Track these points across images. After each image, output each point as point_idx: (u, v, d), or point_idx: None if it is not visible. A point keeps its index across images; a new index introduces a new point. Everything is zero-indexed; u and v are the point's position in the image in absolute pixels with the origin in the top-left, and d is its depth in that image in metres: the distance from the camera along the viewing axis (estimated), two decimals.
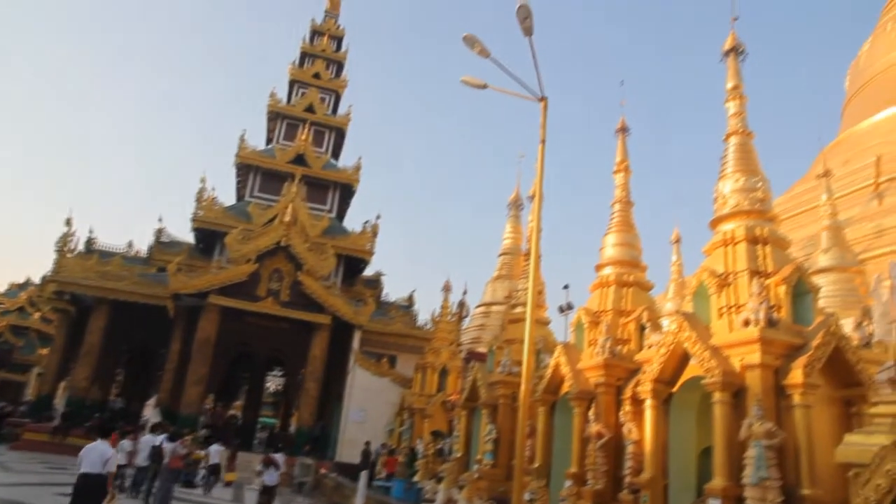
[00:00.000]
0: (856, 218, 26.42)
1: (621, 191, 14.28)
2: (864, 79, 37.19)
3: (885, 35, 36.58)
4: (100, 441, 9.27)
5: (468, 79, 12.74)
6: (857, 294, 21.10)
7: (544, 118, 11.43)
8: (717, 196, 11.04)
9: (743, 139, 11.20)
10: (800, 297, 10.24)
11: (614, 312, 13.32)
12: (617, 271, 13.81)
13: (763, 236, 10.50)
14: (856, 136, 34.15)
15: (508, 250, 31.94)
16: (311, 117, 37.63)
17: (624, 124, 14.53)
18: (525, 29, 11.56)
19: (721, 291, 10.38)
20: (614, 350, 12.50)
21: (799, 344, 9.55)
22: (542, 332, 17.19)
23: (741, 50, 11.70)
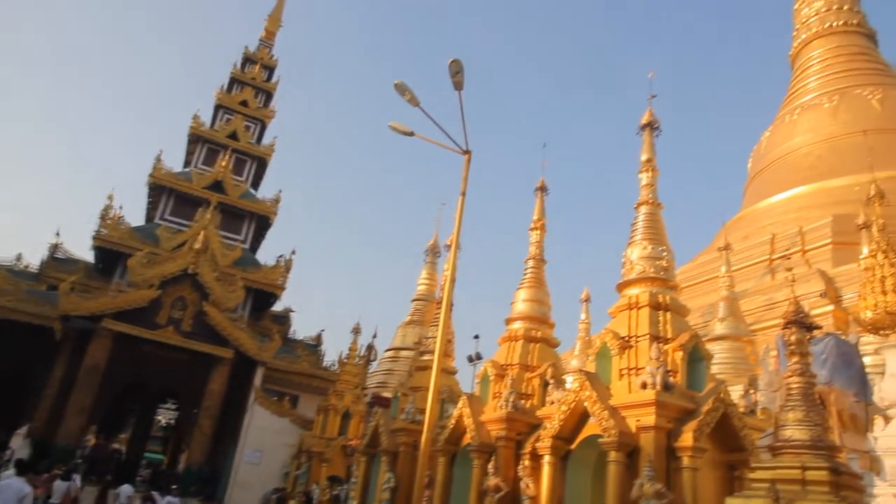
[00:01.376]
0: (751, 291, 28.16)
1: (536, 248, 14.70)
2: (764, 162, 40.23)
3: (784, 125, 39.86)
4: (15, 478, 8.59)
5: (396, 125, 12.91)
6: (748, 363, 22.39)
7: (466, 171, 11.70)
8: (626, 261, 11.54)
9: (652, 209, 11.83)
10: (695, 363, 10.75)
11: (520, 367, 13.52)
12: (526, 326, 14.09)
13: (665, 303, 11.01)
14: (755, 214, 36.69)
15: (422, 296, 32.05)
16: (233, 144, 36.88)
17: (543, 184, 15.06)
18: (455, 83, 11.88)
19: (623, 353, 10.76)
20: (517, 404, 12.63)
21: (691, 408, 9.97)
22: (449, 382, 17.19)
23: (656, 125, 12.44)
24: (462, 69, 11.78)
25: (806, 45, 43.19)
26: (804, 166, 36.18)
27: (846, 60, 40.57)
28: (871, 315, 12.85)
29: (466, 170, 12.34)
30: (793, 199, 34.86)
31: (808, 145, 37.32)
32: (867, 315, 12.96)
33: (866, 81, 38.54)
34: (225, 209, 33.68)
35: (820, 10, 43.20)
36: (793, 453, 8.41)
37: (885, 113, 36.10)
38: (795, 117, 39.42)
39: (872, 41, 42.77)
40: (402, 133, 12.90)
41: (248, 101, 38.97)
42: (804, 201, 33.84)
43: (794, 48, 44.53)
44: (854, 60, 40.49)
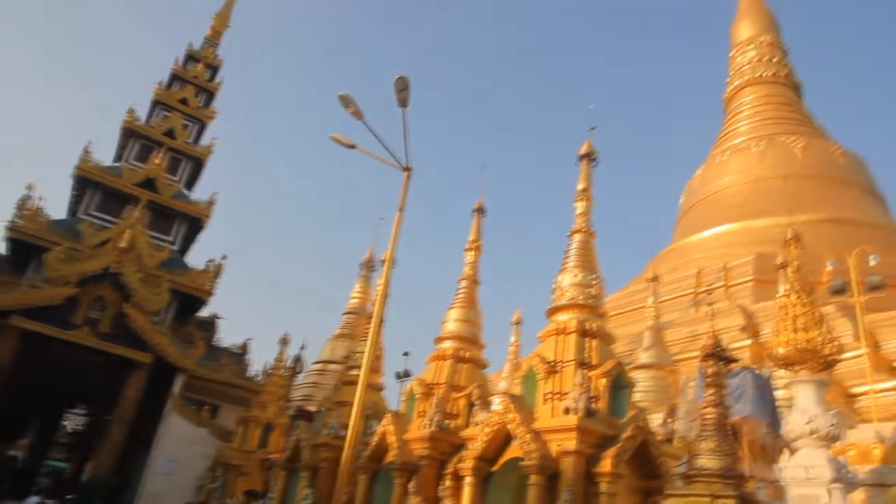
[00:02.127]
0: (676, 322, 29.10)
1: (470, 269, 14.78)
2: (695, 198, 41.90)
3: (716, 166, 41.69)
4: None
5: (338, 137, 12.80)
6: (669, 392, 23.06)
7: (405, 187, 11.72)
8: (557, 287, 11.73)
9: (586, 237, 12.09)
10: (618, 390, 10.97)
11: (448, 386, 13.50)
12: (455, 346, 14.10)
13: (592, 330, 11.23)
14: (684, 247, 38.07)
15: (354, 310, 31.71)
16: (169, 142, 35.74)
17: (481, 205, 15.20)
18: (400, 100, 11.89)
19: (549, 378, 10.88)
20: (442, 424, 12.58)
21: (612, 435, 10.15)
22: (375, 398, 16.98)
23: (594, 157, 12.76)
24: (408, 86, 11.81)
25: (739, 90, 45.45)
26: (732, 205, 37.85)
27: (774, 109, 42.87)
28: (783, 351, 13.42)
29: (405, 186, 12.35)
30: (720, 236, 36.37)
31: (736, 185, 39.10)
32: (780, 351, 13.53)
33: (791, 130, 40.79)
34: (155, 208, 32.53)
35: (752, 60, 45.58)
36: (704, 481, 8.69)
37: (806, 161, 38.25)
38: (726, 158, 41.28)
39: (798, 93, 45.38)
40: (344, 145, 12.81)
41: (188, 100, 37.92)
42: (730, 238, 35.34)
43: (728, 92, 46.78)
44: (781, 109, 42.83)
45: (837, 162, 38.98)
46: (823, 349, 13.29)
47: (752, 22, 47.51)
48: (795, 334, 13.18)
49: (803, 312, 13.22)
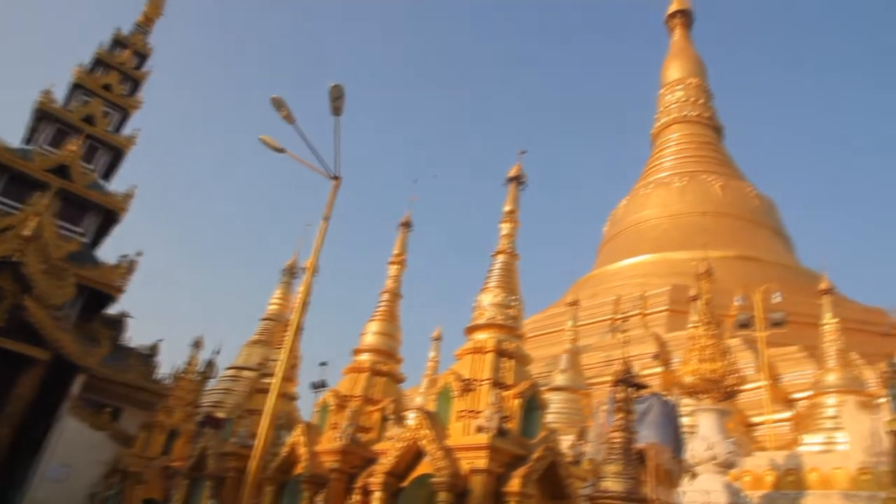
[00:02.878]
0: (593, 346, 29.85)
1: (393, 282, 14.71)
2: (618, 228, 43.32)
3: (640, 198, 43.28)
4: None
5: (267, 139, 12.54)
6: (582, 414, 23.58)
7: (333, 196, 11.58)
8: (477, 306, 11.81)
9: (509, 259, 12.25)
10: (531, 411, 11.12)
11: (363, 399, 13.33)
12: (373, 359, 13.97)
13: (509, 350, 11.35)
14: (604, 274, 39.21)
15: (273, 316, 30.89)
16: (88, 129, 34.03)
17: (408, 219, 15.18)
18: (334, 108, 11.77)
19: (464, 395, 10.90)
20: (355, 437, 12.40)
21: (522, 455, 10.26)
22: (288, 408, 16.58)
23: (523, 180, 12.97)
24: (343, 94, 11.71)
25: (666, 127, 47.49)
26: (652, 237, 39.34)
27: (697, 148, 44.99)
28: (690, 380, 13.98)
29: (333, 195, 12.19)
30: (639, 266, 37.69)
31: (657, 218, 40.69)
32: (687, 379, 14.09)
33: (711, 169, 42.88)
34: (67, 197, 30.83)
35: (680, 100, 47.78)
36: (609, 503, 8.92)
37: (723, 199, 40.25)
38: (649, 191, 42.94)
39: (719, 134, 47.82)
40: (273, 149, 12.55)
41: (111, 86, 36.27)
42: (648, 269, 36.67)
43: (655, 128, 48.80)
44: (703, 149, 44.99)
45: (751, 203, 41.20)
46: (726, 380, 13.94)
47: (682, 64, 49.85)
48: (702, 364, 13.76)
49: (710, 344, 13.83)
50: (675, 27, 53.10)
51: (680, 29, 52.78)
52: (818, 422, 21.21)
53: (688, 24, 53.33)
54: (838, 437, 19.21)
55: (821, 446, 20.02)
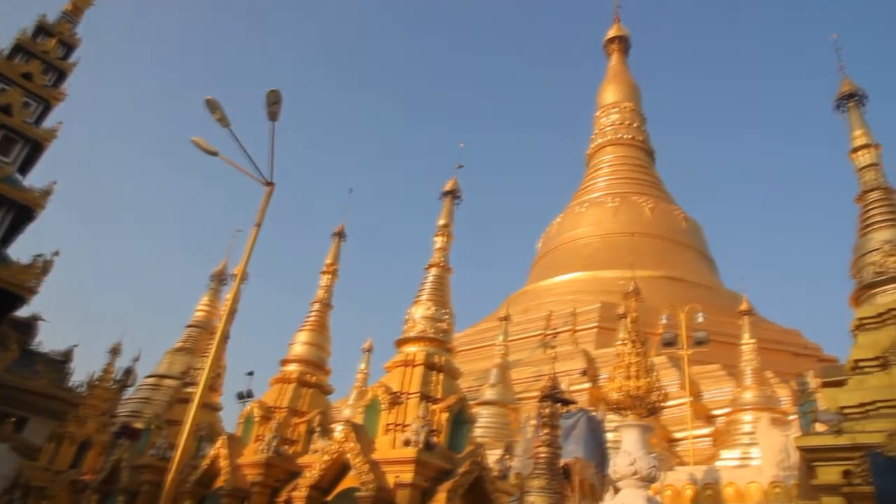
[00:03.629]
0: (523, 361, 30.11)
1: (324, 292, 14.50)
2: (552, 245, 44.03)
3: (574, 215, 44.15)
4: None
5: (199, 141, 12.17)
6: (510, 429, 23.71)
7: (266, 202, 11.29)
8: (409, 318, 11.75)
9: (442, 272, 12.26)
10: (459, 425, 11.11)
11: (289, 411, 13.04)
12: (301, 370, 13.70)
13: (439, 364, 11.32)
14: (537, 290, 39.72)
15: (198, 323, 29.89)
16: (4, 119, 32.21)
17: (342, 229, 15.02)
18: (270, 113, 11.52)
19: (392, 408, 10.80)
20: (279, 450, 12.09)
21: (449, 469, 10.22)
22: (211, 419, 16.04)
23: (458, 194, 13.04)
24: (280, 100, 11.49)
25: (601, 148, 48.72)
26: (584, 255, 40.16)
27: (630, 169, 46.32)
28: (615, 396, 14.24)
29: (266, 201, 11.90)
30: (571, 283, 38.37)
31: (589, 237, 41.59)
32: (613, 396, 14.35)
33: (642, 191, 44.20)
34: None
35: (615, 123, 49.15)
36: None
37: (653, 221, 41.53)
38: (583, 210, 43.89)
39: (651, 157, 49.42)
40: (206, 151, 12.18)
41: (33, 75, 34.42)
42: (580, 286, 37.37)
43: (590, 149, 50.00)
44: (636, 171, 46.36)
45: (679, 225, 42.67)
46: (650, 396, 14.26)
47: (618, 88, 51.36)
48: (627, 381, 14.04)
49: (636, 361, 14.14)
50: (613, 52, 54.73)
51: (617, 54, 54.45)
52: (735, 437, 22.03)
53: (625, 49, 55.09)
54: (753, 452, 19.99)
55: (737, 461, 20.78)
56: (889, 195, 11.64)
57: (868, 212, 11.54)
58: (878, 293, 10.60)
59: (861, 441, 8.39)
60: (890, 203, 11.51)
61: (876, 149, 12.17)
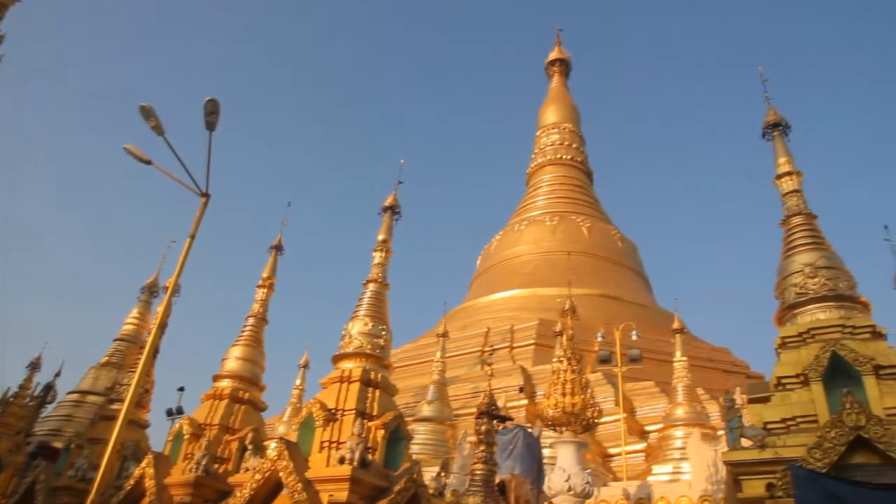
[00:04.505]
0: (461, 377, 30.13)
1: (259, 306, 14.20)
2: (491, 262, 44.40)
3: (513, 233, 44.68)
4: None
5: (132, 148, 11.80)
6: (447, 446, 23.65)
7: (201, 214, 10.99)
8: (346, 334, 11.61)
9: (380, 288, 12.18)
10: (395, 442, 10.99)
11: (221, 428, 12.65)
12: (234, 386, 13.33)
13: (376, 380, 11.20)
14: (475, 307, 39.93)
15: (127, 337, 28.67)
16: None
17: (280, 242, 14.77)
18: (208, 123, 11.27)
19: (327, 425, 10.60)
20: (210, 468, 11.71)
21: (384, 486, 10.09)
22: (137, 437, 15.41)
23: (398, 210, 13.02)
24: (218, 109, 11.26)
25: (541, 167, 49.61)
26: (523, 272, 40.65)
27: (569, 189, 47.29)
28: (552, 412, 14.43)
29: (201, 213, 11.59)
30: (510, 300, 38.74)
31: (528, 254, 42.15)
32: (549, 412, 14.53)
33: (581, 210, 45.17)
34: None
35: (555, 143, 50.19)
36: None
37: (590, 240, 42.46)
38: (523, 227, 44.48)
39: (589, 178, 50.62)
40: (139, 159, 11.80)
41: None
42: (518, 303, 37.77)
43: (531, 168, 50.86)
44: (575, 191, 47.37)
45: (616, 245, 43.74)
46: (585, 413, 14.51)
47: (558, 109, 52.53)
48: (563, 398, 14.26)
49: (571, 378, 14.39)
50: (554, 74, 56.01)
51: (558, 76, 55.74)
52: (667, 453, 22.58)
53: (565, 72, 56.47)
54: (684, 466, 20.53)
55: (669, 476, 21.29)
56: (810, 220, 12.23)
57: (791, 235, 12.09)
58: (799, 313, 11.08)
59: (783, 455, 8.72)
60: (811, 228, 12.09)
61: (798, 176, 12.78)
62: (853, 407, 8.43)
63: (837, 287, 10.94)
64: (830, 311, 10.69)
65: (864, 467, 8.24)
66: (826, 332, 10.21)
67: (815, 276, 11.08)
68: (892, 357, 9.61)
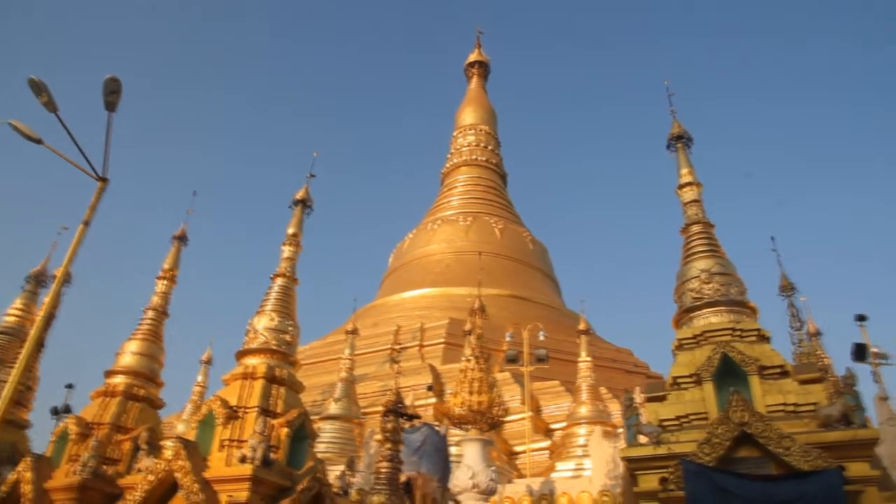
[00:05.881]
0: (370, 375, 29.91)
1: (160, 299, 13.54)
2: (403, 260, 44.34)
3: (426, 232, 44.78)
4: None
5: (19, 125, 10.97)
6: (354, 444, 23.40)
7: (97, 199, 10.33)
8: (250, 329, 11.25)
9: (288, 283, 11.87)
10: (299, 440, 10.74)
11: (112, 427, 11.98)
12: (128, 382, 12.65)
13: (281, 377, 10.91)
14: (386, 304, 39.76)
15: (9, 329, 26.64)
16: None
17: (183, 233, 14.15)
18: (108, 103, 10.64)
19: (229, 423, 10.24)
20: (98, 470, 11.05)
21: (287, 486, 9.85)
22: (15, 438, 14.28)
23: (309, 203, 12.74)
24: (120, 89, 10.64)
25: (456, 168, 49.99)
26: (435, 271, 40.83)
27: (483, 190, 47.90)
28: (458, 411, 14.54)
29: (97, 198, 10.91)
30: (421, 298, 38.82)
31: (441, 253, 42.38)
32: (456, 410, 14.63)
33: (494, 212, 45.85)
34: None
35: (471, 144, 50.71)
36: None
37: (502, 241, 43.16)
38: (436, 227, 44.68)
39: (504, 181, 51.47)
40: (27, 137, 10.99)
41: None
42: (429, 301, 37.90)
43: (446, 168, 51.17)
44: (489, 192, 48.02)
45: (527, 247, 44.67)
46: (492, 411, 14.71)
47: (475, 111, 53.10)
48: (470, 396, 14.40)
49: (479, 377, 14.55)
50: (473, 76, 56.58)
51: (477, 78, 56.34)
52: (570, 450, 23.25)
53: (484, 74, 57.15)
54: (586, 463, 21.19)
55: (571, 472, 21.92)
56: (708, 229, 12.88)
57: (690, 243, 12.69)
58: (695, 317, 11.65)
59: (676, 450, 9.12)
60: (708, 236, 12.73)
61: (698, 187, 13.44)
62: (738, 405, 8.93)
63: (729, 293, 11.57)
64: (723, 315, 11.29)
65: (747, 460, 8.75)
66: (718, 335, 10.78)
67: (710, 282, 11.67)
68: (774, 359, 10.26)
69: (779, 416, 9.26)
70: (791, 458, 8.36)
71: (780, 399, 9.54)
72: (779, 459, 8.48)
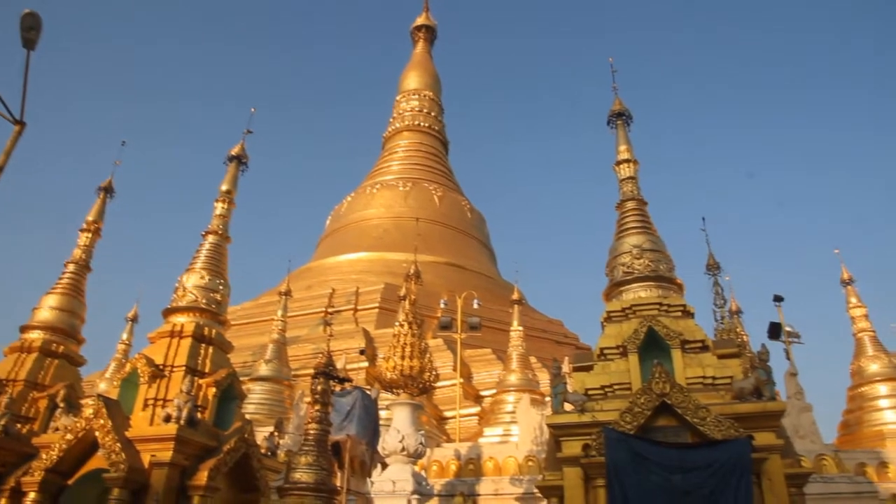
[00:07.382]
0: (303, 338, 29.70)
1: (82, 252, 12.97)
2: (341, 223, 43.87)
3: (365, 196, 44.35)
4: None
5: None
6: (284, 406, 23.30)
7: (12, 144, 9.67)
8: (179, 287, 10.93)
9: (220, 240, 11.56)
10: (227, 401, 10.60)
11: (26, 384, 11.50)
12: (46, 338, 12.12)
13: (210, 336, 10.69)
14: (322, 267, 39.37)
15: None
16: None
17: (110, 184, 13.53)
18: (27, 40, 9.95)
19: (154, 382, 10.00)
20: (9, 428, 10.61)
21: (213, 446, 9.74)
22: None
23: (245, 161, 12.39)
24: (39, 25, 9.96)
25: (398, 132, 49.48)
26: (373, 235, 40.61)
27: (424, 157, 47.66)
28: (390, 375, 14.62)
29: (13, 142, 10.26)
30: (357, 262, 38.62)
31: (379, 218, 42.14)
32: (387, 375, 14.72)
33: (434, 179, 45.75)
34: None
35: (414, 109, 50.20)
36: (298, 495, 8.91)
37: (440, 208, 43.21)
38: (375, 191, 44.30)
39: (445, 148, 51.32)
40: None
41: None
42: (366, 266, 37.75)
43: (388, 132, 50.58)
44: (429, 158, 47.83)
45: (465, 215, 44.88)
46: (423, 376, 14.86)
47: (420, 76, 52.45)
48: (402, 361, 14.48)
49: (411, 342, 14.63)
50: (419, 40, 55.73)
51: (423, 43, 55.53)
52: (499, 416, 23.84)
53: (430, 39, 56.36)
54: (514, 429, 21.79)
55: (499, 438, 22.52)
56: (641, 206, 13.19)
57: (624, 218, 12.98)
58: (624, 290, 11.99)
59: (600, 418, 9.45)
60: (641, 213, 13.04)
61: (635, 164, 13.71)
62: (660, 376, 9.30)
63: (658, 269, 11.94)
64: (651, 290, 11.65)
65: (665, 429, 9.16)
66: (645, 309, 11.13)
67: (641, 258, 12.00)
68: (696, 333, 10.70)
69: (697, 388, 9.70)
70: (706, 428, 8.79)
71: (699, 372, 9.99)
72: (695, 429, 8.91)
